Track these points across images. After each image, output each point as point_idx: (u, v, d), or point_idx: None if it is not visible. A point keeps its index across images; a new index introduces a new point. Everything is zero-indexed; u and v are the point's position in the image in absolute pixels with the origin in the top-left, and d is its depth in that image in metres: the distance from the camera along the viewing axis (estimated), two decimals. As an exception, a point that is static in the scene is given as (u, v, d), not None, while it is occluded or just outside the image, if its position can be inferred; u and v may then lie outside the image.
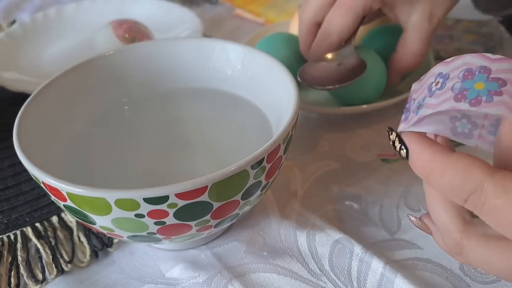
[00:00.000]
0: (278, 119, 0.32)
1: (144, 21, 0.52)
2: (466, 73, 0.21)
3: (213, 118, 0.38)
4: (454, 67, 0.22)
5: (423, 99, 0.22)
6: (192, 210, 0.25)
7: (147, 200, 0.24)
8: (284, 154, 0.28)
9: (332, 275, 0.30)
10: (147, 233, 0.27)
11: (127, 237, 0.28)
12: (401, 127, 0.23)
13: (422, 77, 0.24)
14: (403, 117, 0.23)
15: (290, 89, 0.31)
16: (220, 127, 0.38)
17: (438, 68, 0.22)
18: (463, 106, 0.20)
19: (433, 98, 0.21)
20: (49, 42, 0.59)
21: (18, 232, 0.35)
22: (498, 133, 0.21)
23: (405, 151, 0.22)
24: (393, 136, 0.22)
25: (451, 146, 0.24)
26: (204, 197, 0.25)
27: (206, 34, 0.61)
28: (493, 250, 0.20)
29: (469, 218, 0.22)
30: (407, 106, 0.24)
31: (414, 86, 0.24)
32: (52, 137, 0.33)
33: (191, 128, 0.38)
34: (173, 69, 0.39)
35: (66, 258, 0.33)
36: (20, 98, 0.39)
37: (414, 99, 0.23)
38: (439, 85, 0.22)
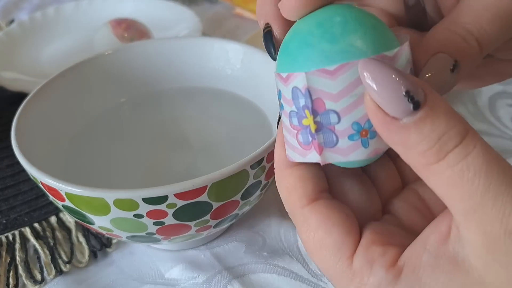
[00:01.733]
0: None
1: (143, 20, 0.52)
2: None
3: (213, 118, 0.38)
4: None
5: (369, 122, 0.17)
6: (191, 210, 0.25)
7: (146, 200, 0.24)
8: (284, 153, 0.28)
9: (333, 275, 0.30)
10: (146, 233, 0.27)
11: (126, 237, 0.27)
12: (326, 156, 0.18)
13: (332, 69, 0.17)
14: (322, 138, 0.18)
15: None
16: (219, 127, 0.37)
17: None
18: None
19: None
20: (47, 42, 0.59)
21: (16, 232, 0.35)
22: None
23: None
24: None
25: None
26: (204, 197, 0.25)
27: (205, 33, 0.61)
28: None
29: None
30: (318, 118, 0.18)
31: (317, 81, 0.17)
32: (50, 137, 0.33)
33: (190, 128, 0.38)
34: (172, 68, 0.39)
35: (65, 259, 0.33)
36: (18, 97, 0.39)
37: (334, 111, 0.17)
38: None
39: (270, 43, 0.20)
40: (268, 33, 0.20)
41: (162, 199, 0.24)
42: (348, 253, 0.18)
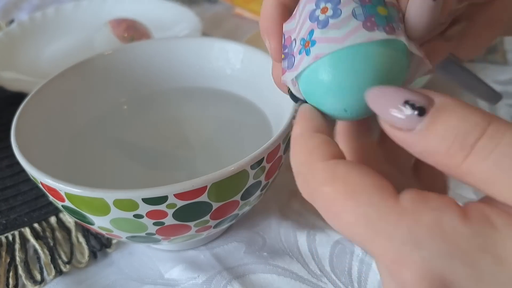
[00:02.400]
0: (278, 119, 0.32)
1: (143, 20, 0.52)
2: None
3: (213, 118, 0.38)
4: None
5: (311, 33, 0.18)
6: (191, 211, 0.25)
7: (146, 201, 0.24)
8: (284, 153, 0.28)
9: (333, 275, 0.30)
10: (146, 234, 0.27)
11: (126, 237, 0.27)
12: (286, 76, 0.20)
13: (294, 12, 0.20)
14: (284, 64, 0.20)
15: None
16: (219, 127, 0.37)
17: None
18: (380, 35, 0.17)
19: (330, 30, 0.18)
20: (47, 42, 0.59)
21: (16, 232, 0.35)
22: None
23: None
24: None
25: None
26: (204, 197, 0.25)
27: (205, 33, 0.61)
28: None
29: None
30: (285, 51, 0.20)
31: (286, 26, 0.20)
32: (50, 137, 0.33)
33: (190, 128, 0.38)
34: (172, 69, 0.39)
35: (65, 259, 0.33)
36: (18, 97, 0.39)
37: (294, 39, 0.19)
38: (329, 12, 0.18)
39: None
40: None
41: (162, 199, 0.24)
42: (391, 192, 0.15)
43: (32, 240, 0.34)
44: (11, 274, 0.32)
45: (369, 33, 0.17)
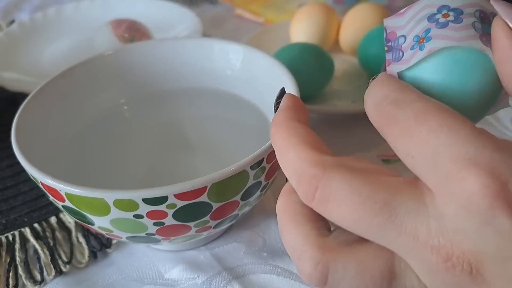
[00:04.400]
0: (278, 119, 0.32)
1: (143, 21, 0.52)
2: (482, 15, 0.19)
3: (213, 118, 0.38)
4: (464, 2, 0.19)
5: (427, 31, 0.19)
6: (191, 211, 0.25)
7: (146, 201, 0.24)
8: (284, 154, 0.28)
9: (332, 276, 0.30)
10: (146, 234, 0.27)
11: (126, 237, 0.27)
12: (392, 68, 0.19)
13: (402, 11, 0.20)
14: (389, 56, 0.20)
15: (290, 89, 0.31)
16: (219, 127, 0.37)
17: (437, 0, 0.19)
18: (491, 52, 0.18)
19: (449, 30, 0.18)
20: (48, 42, 0.59)
21: (16, 232, 0.35)
22: None
23: None
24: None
25: None
26: (204, 198, 0.25)
27: (205, 34, 0.61)
28: (364, 256, 0.17)
29: (327, 232, 0.19)
30: (389, 44, 0.20)
31: (388, 21, 0.20)
32: (50, 137, 0.33)
33: (190, 128, 0.38)
34: (172, 69, 0.39)
35: (65, 259, 0.33)
36: (18, 98, 0.39)
37: (403, 35, 0.20)
38: (451, 18, 0.19)
39: None
40: None
41: (162, 200, 0.24)
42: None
43: (32, 240, 0.34)
44: (11, 274, 0.32)
45: (484, 46, 0.18)
